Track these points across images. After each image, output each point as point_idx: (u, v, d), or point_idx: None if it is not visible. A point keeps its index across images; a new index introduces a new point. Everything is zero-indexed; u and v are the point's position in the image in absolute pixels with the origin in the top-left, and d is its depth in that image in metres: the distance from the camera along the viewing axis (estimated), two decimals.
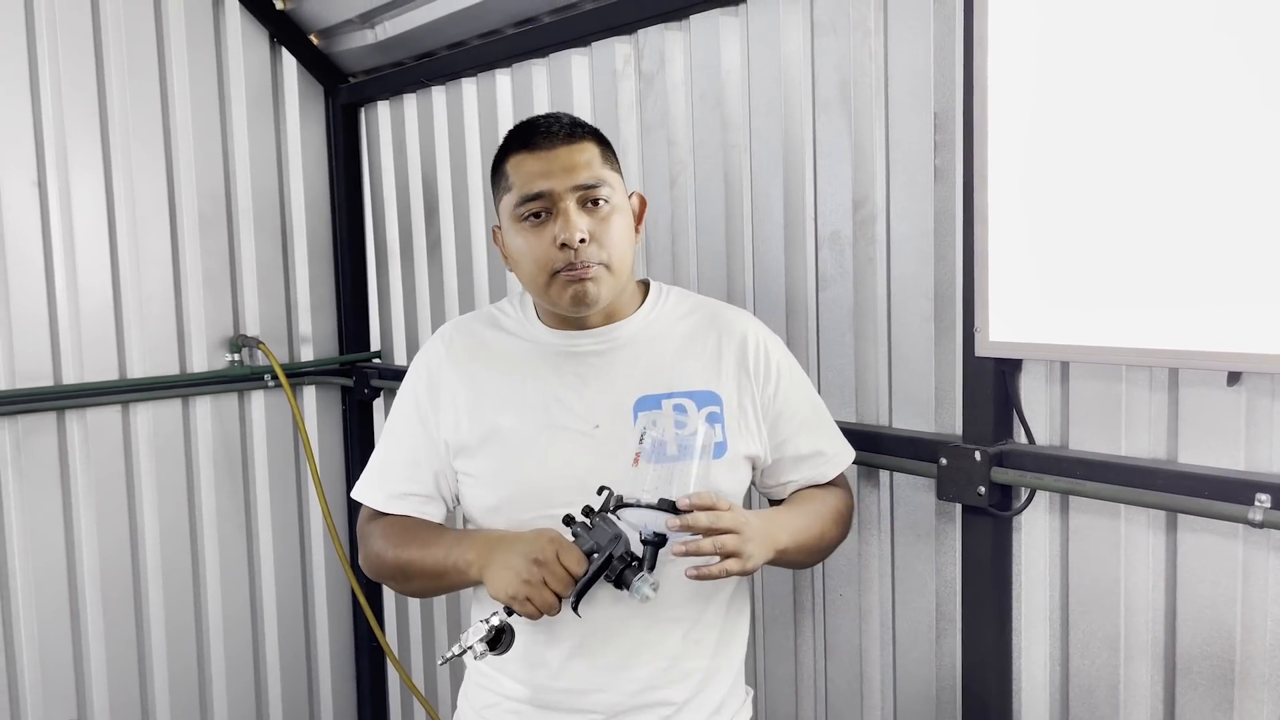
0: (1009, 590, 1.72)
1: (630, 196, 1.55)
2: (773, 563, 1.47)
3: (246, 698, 3.12)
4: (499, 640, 1.35)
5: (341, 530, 3.23)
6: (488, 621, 1.34)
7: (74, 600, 2.79)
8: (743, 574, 1.40)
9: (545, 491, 1.45)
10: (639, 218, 1.56)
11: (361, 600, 3.08)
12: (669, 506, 1.33)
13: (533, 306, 1.58)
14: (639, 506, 1.34)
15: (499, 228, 1.55)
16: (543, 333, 1.55)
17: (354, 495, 1.61)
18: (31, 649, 2.73)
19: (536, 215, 1.45)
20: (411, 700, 3.17)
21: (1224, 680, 1.49)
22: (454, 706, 1.68)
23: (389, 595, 3.25)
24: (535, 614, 1.33)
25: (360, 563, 1.61)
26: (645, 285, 1.61)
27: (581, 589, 1.35)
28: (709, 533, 1.33)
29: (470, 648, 1.33)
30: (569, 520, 1.37)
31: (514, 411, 1.49)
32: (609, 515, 1.36)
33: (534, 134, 1.47)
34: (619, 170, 1.53)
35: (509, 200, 1.48)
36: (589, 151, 1.47)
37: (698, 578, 1.35)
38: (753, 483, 1.61)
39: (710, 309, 1.61)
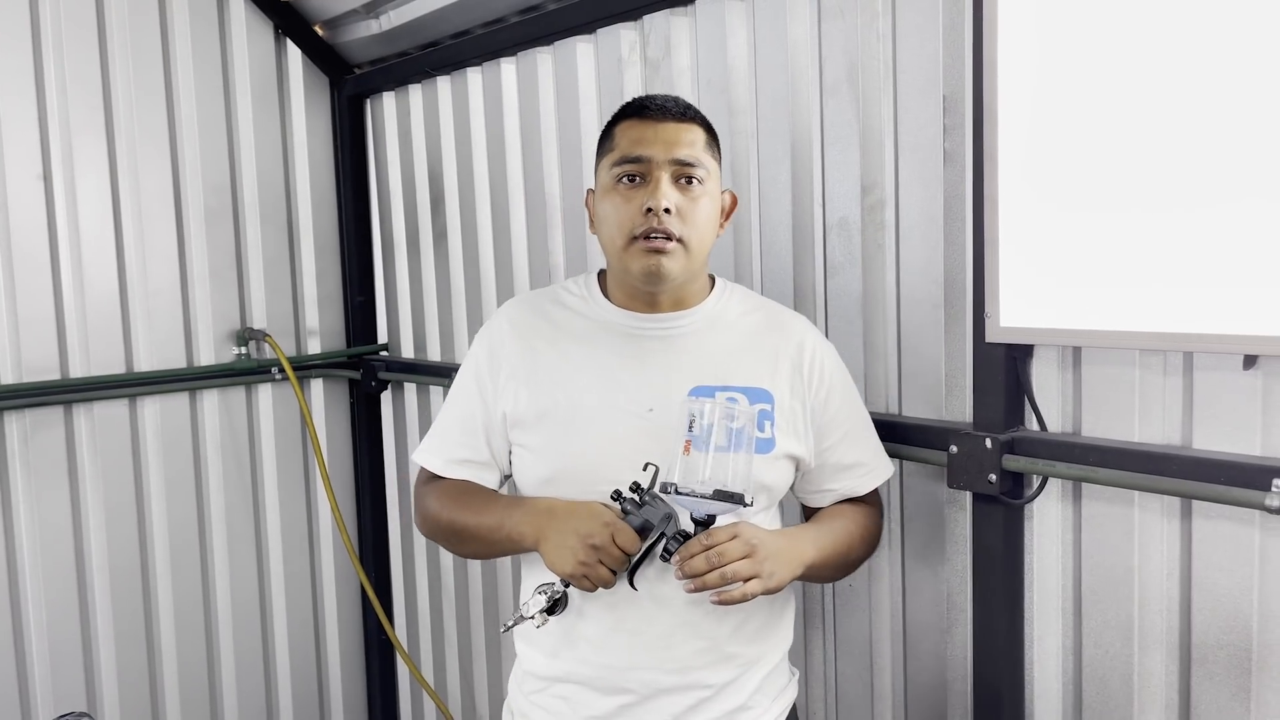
0: (1021, 579, 1.70)
1: (724, 192, 1.60)
2: (801, 578, 1.51)
3: (256, 690, 3.12)
4: (555, 608, 1.45)
5: (350, 523, 3.23)
6: (545, 592, 1.45)
7: (83, 594, 2.80)
8: (766, 593, 1.43)
9: (594, 469, 1.48)
10: (727, 214, 1.62)
11: (370, 594, 3.08)
12: (726, 497, 1.37)
13: (598, 286, 1.61)
14: (694, 496, 1.37)
15: (593, 191, 1.59)
16: (609, 311, 1.58)
17: (414, 458, 1.68)
18: (41, 642, 2.73)
19: (631, 178, 1.50)
20: (421, 693, 3.17)
21: (1241, 669, 1.46)
22: (462, 701, 1.68)
23: (398, 588, 3.25)
24: (592, 589, 1.42)
25: (415, 522, 1.69)
26: (711, 279, 1.64)
27: (635, 565, 1.42)
28: (719, 576, 1.38)
29: (530, 616, 1.44)
30: (618, 496, 1.42)
31: (570, 388, 1.53)
32: (658, 495, 1.40)
33: (649, 105, 1.54)
34: (719, 162, 1.58)
35: (608, 160, 1.53)
36: (695, 133, 1.52)
37: (719, 602, 1.40)
38: (791, 488, 1.64)
39: (771, 310, 1.66)
